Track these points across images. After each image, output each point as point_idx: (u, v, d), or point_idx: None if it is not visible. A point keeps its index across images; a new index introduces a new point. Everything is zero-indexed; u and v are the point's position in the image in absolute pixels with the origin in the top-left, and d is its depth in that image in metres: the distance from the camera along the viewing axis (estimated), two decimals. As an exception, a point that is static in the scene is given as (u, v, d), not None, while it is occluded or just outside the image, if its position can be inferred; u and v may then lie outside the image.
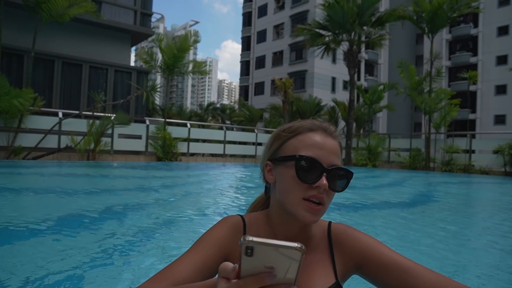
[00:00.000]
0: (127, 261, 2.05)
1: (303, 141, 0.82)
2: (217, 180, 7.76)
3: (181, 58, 12.72)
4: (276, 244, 0.48)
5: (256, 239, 0.48)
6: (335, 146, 0.84)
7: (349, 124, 16.05)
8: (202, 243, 0.83)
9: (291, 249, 0.48)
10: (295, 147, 0.82)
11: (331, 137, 0.84)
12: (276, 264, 0.50)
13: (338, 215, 3.80)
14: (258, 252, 0.49)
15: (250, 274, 0.50)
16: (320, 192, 0.78)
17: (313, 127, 0.85)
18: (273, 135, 0.90)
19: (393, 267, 0.80)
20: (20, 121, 9.39)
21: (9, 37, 10.67)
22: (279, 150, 0.85)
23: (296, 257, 0.49)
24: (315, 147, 0.81)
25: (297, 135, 0.84)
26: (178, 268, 0.77)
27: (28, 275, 1.74)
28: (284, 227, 0.86)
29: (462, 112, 32.45)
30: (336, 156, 0.82)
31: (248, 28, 42.91)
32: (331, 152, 0.81)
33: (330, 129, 0.86)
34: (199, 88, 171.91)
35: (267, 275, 0.50)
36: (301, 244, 0.49)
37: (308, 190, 0.78)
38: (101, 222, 3.00)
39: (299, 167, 0.79)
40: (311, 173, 0.78)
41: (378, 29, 15.95)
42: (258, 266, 0.50)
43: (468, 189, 8.25)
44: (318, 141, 0.82)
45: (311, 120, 0.88)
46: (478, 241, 3.02)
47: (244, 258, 0.49)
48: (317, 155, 0.80)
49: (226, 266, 0.52)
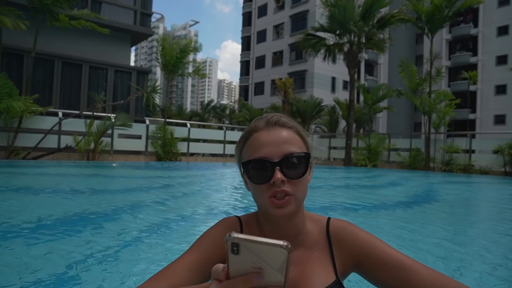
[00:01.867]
0: (127, 261, 2.06)
1: (251, 146, 0.83)
2: (218, 180, 7.76)
3: (182, 59, 12.76)
4: (261, 241, 0.48)
5: (241, 236, 0.48)
6: (284, 134, 0.82)
7: (349, 124, 16.05)
8: (200, 244, 0.84)
9: (277, 247, 0.48)
10: (248, 154, 0.83)
11: (275, 127, 0.83)
12: (264, 264, 0.49)
13: (338, 215, 3.80)
14: (243, 249, 0.48)
15: (239, 275, 0.50)
16: (279, 186, 0.77)
17: (256, 127, 0.85)
18: (236, 145, 0.92)
19: (393, 265, 0.79)
20: (20, 121, 9.39)
21: (9, 37, 10.68)
22: (240, 160, 0.87)
23: (282, 256, 0.48)
24: (261, 146, 0.81)
25: (246, 141, 0.86)
26: (177, 269, 0.77)
27: (28, 275, 1.74)
28: (270, 227, 0.86)
29: (462, 112, 32.46)
30: (288, 144, 0.80)
31: (248, 28, 42.90)
32: (279, 143, 0.80)
33: (272, 120, 0.85)
34: (199, 88, 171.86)
35: (255, 276, 0.49)
36: (287, 242, 0.48)
37: (270, 189, 0.78)
38: (101, 222, 3.00)
39: (251, 172, 0.80)
40: (263, 173, 0.79)
41: (380, 31, 15.92)
42: (246, 266, 0.50)
43: (468, 189, 8.25)
44: (262, 139, 0.82)
45: (257, 118, 0.88)
46: (478, 240, 3.02)
47: (231, 256, 0.49)
48: (266, 153, 0.79)
49: (217, 267, 0.52)
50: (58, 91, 12.47)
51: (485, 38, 34.74)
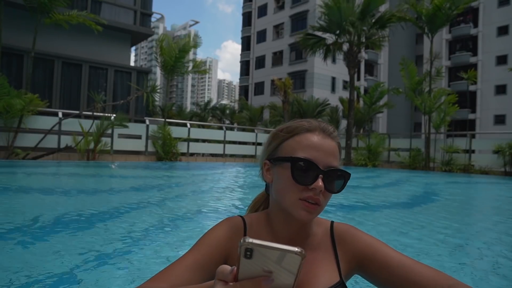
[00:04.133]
0: (127, 261, 2.05)
1: (300, 142, 0.82)
2: (218, 180, 7.76)
3: (181, 59, 12.76)
4: (277, 248, 0.47)
5: (256, 241, 0.47)
6: (333, 147, 0.83)
7: (349, 124, 16.05)
8: (202, 244, 0.83)
9: (291, 253, 0.47)
10: (292, 148, 0.82)
11: (329, 137, 0.83)
12: (275, 268, 0.49)
13: (337, 215, 3.80)
14: (257, 254, 0.48)
15: (248, 277, 0.49)
16: (316, 193, 0.78)
17: (311, 127, 0.84)
18: (271, 134, 0.90)
19: (395, 266, 0.80)
20: (20, 121, 9.39)
21: (9, 37, 10.68)
22: (277, 150, 0.85)
23: (296, 262, 0.48)
24: (312, 148, 0.80)
25: (294, 135, 0.84)
26: (178, 269, 0.77)
27: (28, 275, 1.74)
28: (283, 226, 0.86)
29: (462, 112, 32.44)
30: (334, 157, 0.82)
31: (248, 28, 42.91)
32: (328, 153, 0.81)
33: (328, 129, 0.85)
34: (199, 88, 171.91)
35: (265, 279, 0.49)
36: (302, 249, 0.48)
37: (304, 191, 0.78)
38: (101, 222, 3.00)
39: (295, 169, 0.79)
40: (307, 175, 0.78)
41: (379, 30, 15.94)
42: (256, 269, 0.49)
43: (468, 189, 8.25)
44: (315, 142, 0.81)
45: (309, 120, 0.88)
46: (478, 240, 3.02)
47: (243, 260, 0.48)
48: (313, 156, 0.79)
49: (224, 269, 0.51)
50: (58, 91, 12.47)
51: (485, 38, 34.75)
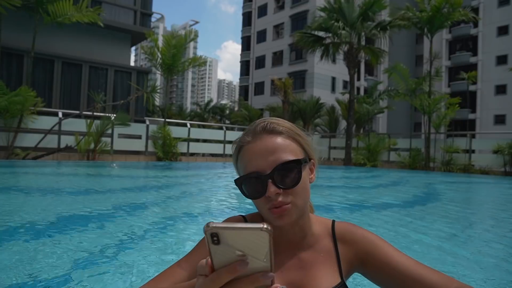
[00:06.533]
0: (126, 262, 2.05)
1: (243, 160, 0.80)
2: (218, 180, 7.76)
3: (179, 56, 12.68)
4: (240, 227, 0.47)
5: (219, 224, 0.47)
6: (270, 143, 0.78)
7: (349, 124, 16.05)
8: (203, 245, 0.83)
9: (257, 230, 0.46)
10: (242, 168, 0.81)
11: (264, 134, 0.79)
12: (246, 250, 0.48)
13: (337, 215, 3.80)
14: (223, 238, 0.47)
15: (224, 265, 0.48)
16: (275, 199, 0.75)
17: (243, 140, 0.82)
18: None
19: (396, 266, 0.79)
20: (20, 121, 9.39)
21: (9, 37, 10.67)
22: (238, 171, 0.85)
23: (265, 239, 0.47)
24: (252, 160, 0.78)
25: (238, 156, 0.83)
26: (179, 270, 0.77)
27: (27, 275, 1.74)
28: (277, 231, 0.84)
29: (462, 112, 32.44)
30: (277, 152, 0.77)
31: (248, 28, 42.91)
32: (267, 153, 0.77)
33: (257, 128, 0.81)
34: (199, 88, 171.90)
35: (239, 264, 0.48)
36: (267, 225, 0.47)
37: (267, 201, 0.77)
38: (101, 223, 3.00)
39: (243, 189, 0.78)
40: (257, 187, 0.77)
41: (381, 33, 15.91)
42: (230, 256, 0.48)
43: (468, 189, 8.25)
44: (251, 152, 0.78)
45: (248, 128, 0.85)
46: (478, 240, 3.02)
47: (213, 247, 0.48)
48: (255, 166, 0.77)
49: (201, 263, 0.51)
50: (58, 91, 12.47)
51: (485, 38, 34.76)
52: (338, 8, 14.89)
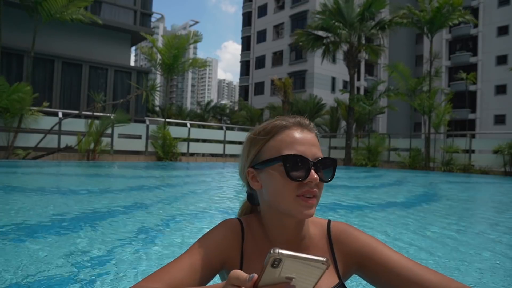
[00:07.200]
0: (125, 261, 2.06)
1: (283, 140, 0.81)
2: (218, 180, 7.76)
3: (180, 57, 12.70)
4: (305, 257, 0.49)
5: (285, 252, 0.48)
6: (314, 138, 0.83)
7: (349, 124, 16.05)
8: (200, 245, 0.83)
9: (318, 262, 0.49)
10: (276, 148, 0.80)
11: (307, 130, 0.84)
12: (298, 277, 0.50)
13: (337, 215, 3.80)
14: (284, 264, 0.49)
15: (268, 284, 0.50)
16: (311, 186, 0.78)
17: (288, 124, 0.83)
18: (248, 140, 0.88)
19: (394, 267, 0.79)
20: (20, 121, 9.39)
21: (9, 37, 10.68)
22: (259, 155, 0.83)
23: (319, 270, 0.49)
24: (296, 143, 0.80)
25: (274, 136, 0.82)
26: (174, 269, 0.77)
27: (27, 275, 1.74)
28: (280, 230, 0.85)
29: (462, 112, 32.47)
30: (317, 148, 0.82)
31: (248, 28, 42.91)
32: (312, 145, 0.81)
33: (304, 123, 0.85)
34: (199, 88, 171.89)
35: (285, 286, 0.50)
36: (326, 258, 0.49)
37: (300, 187, 0.78)
38: (101, 222, 3.00)
39: (287, 166, 0.77)
40: (299, 170, 0.77)
41: (380, 32, 15.92)
42: (279, 276, 0.50)
43: (468, 189, 8.25)
44: (297, 137, 0.81)
45: (283, 117, 0.87)
46: (478, 240, 3.02)
47: (269, 269, 0.49)
48: (300, 151, 0.79)
49: (239, 274, 0.52)
50: (58, 91, 12.48)
51: (485, 38, 34.75)
52: (336, 9, 14.88)
